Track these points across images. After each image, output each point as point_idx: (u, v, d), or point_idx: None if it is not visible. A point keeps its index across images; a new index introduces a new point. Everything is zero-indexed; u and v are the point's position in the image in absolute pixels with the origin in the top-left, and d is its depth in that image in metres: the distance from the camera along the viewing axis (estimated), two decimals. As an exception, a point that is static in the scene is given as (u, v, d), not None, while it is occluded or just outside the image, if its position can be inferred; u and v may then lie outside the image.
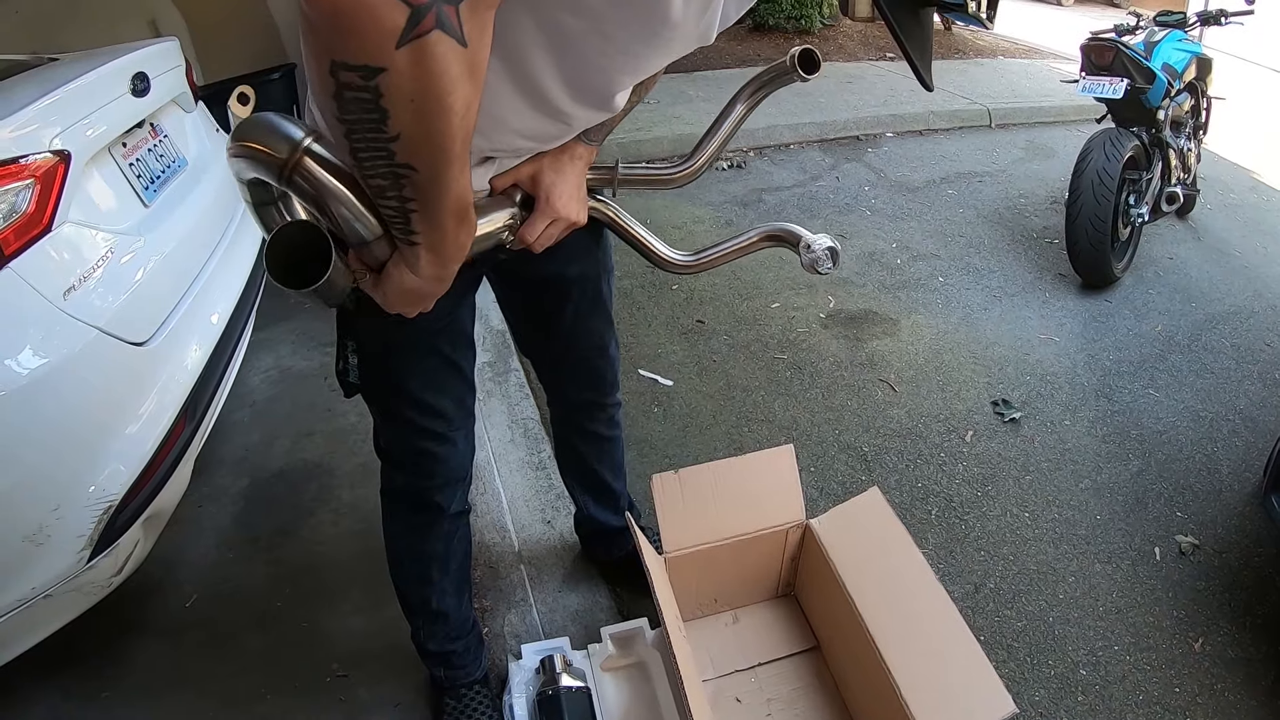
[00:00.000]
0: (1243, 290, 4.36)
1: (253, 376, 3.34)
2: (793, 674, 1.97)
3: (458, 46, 0.73)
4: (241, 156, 0.97)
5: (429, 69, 0.73)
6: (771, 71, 1.41)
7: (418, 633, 1.92)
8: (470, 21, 0.74)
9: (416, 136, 0.80)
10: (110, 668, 2.17)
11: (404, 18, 0.69)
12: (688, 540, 1.89)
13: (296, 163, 0.92)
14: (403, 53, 0.71)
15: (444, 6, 0.71)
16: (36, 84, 2.15)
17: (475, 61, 0.77)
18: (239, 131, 0.97)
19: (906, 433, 3.13)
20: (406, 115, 0.77)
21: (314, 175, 0.94)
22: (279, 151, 0.93)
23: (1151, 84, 4.05)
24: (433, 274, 1.03)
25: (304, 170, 0.93)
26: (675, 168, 1.56)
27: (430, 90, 0.75)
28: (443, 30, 0.71)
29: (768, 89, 1.45)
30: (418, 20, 0.70)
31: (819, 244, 1.39)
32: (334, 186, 0.95)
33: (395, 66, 0.72)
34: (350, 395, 1.55)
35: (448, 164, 0.85)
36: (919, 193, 5.52)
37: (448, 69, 0.74)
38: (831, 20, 9.71)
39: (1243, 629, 2.37)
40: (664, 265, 1.59)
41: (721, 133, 1.51)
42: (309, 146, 0.93)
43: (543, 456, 2.82)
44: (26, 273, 1.78)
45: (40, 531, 1.73)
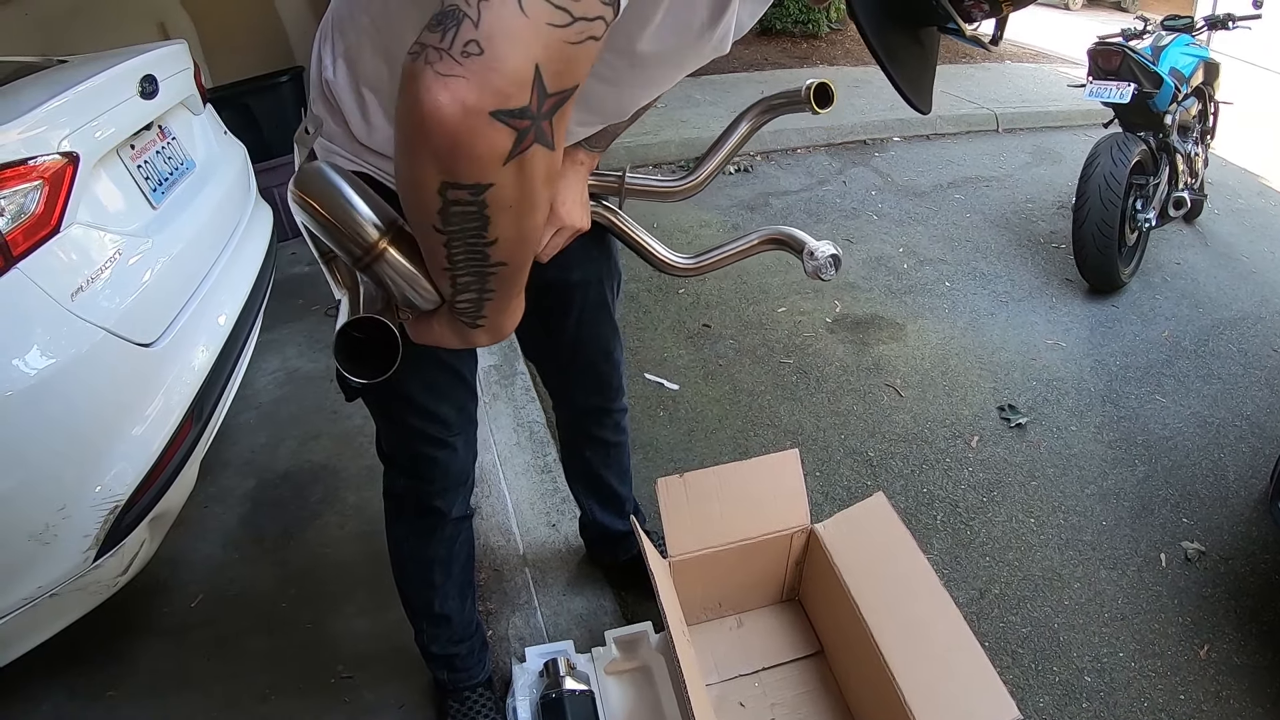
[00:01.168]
0: (1250, 296, 4.36)
1: (260, 378, 3.34)
2: (797, 679, 1.96)
3: (549, 152, 0.77)
4: (317, 226, 0.97)
5: (529, 178, 0.77)
6: (784, 97, 1.42)
7: (421, 635, 1.92)
8: (559, 127, 0.77)
9: (513, 238, 0.84)
10: (115, 667, 2.17)
11: (511, 140, 0.73)
12: (692, 544, 1.89)
13: (380, 254, 0.94)
14: (508, 168, 0.75)
15: (541, 124, 0.74)
16: (45, 86, 2.16)
17: (556, 162, 0.80)
18: (307, 186, 0.97)
19: (912, 438, 3.13)
20: (506, 221, 0.81)
21: (395, 264, 0.95)
22: (364, 238, 0.94)
23: (1159, 89, 4.05)
24: (482, 343, 1.06)
25: (387, 259, 0.95)
26: (678, 181, 1.57)
27: (528, 196, 0.80)
28: (540, 144, 0.75)
29: (776, 112, 1.46)
30: (521, 140, 0.73)
31: (822, 252, 1.39)
32: (411, 273, 0.96)
33: (501, 182, 0.76)
34: (351, 399, 1.55)
35: (526, 255, 0.90)
36: (926, 197, 5.51)
37: (542, 174, 0.78)
38: (839, 25, 9.70)
39: (1249, 636, 2.36)
40: (665, 269, 1.59)
41: (726, 149, 1.52)
42: (394, 239, 0.95)
43: (548, 460, 2.82)
44: (34, 273, 1.78)
45: (46, 531, 1.73)
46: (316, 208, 0.96)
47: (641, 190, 1.57)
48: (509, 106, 0.70)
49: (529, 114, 0.72)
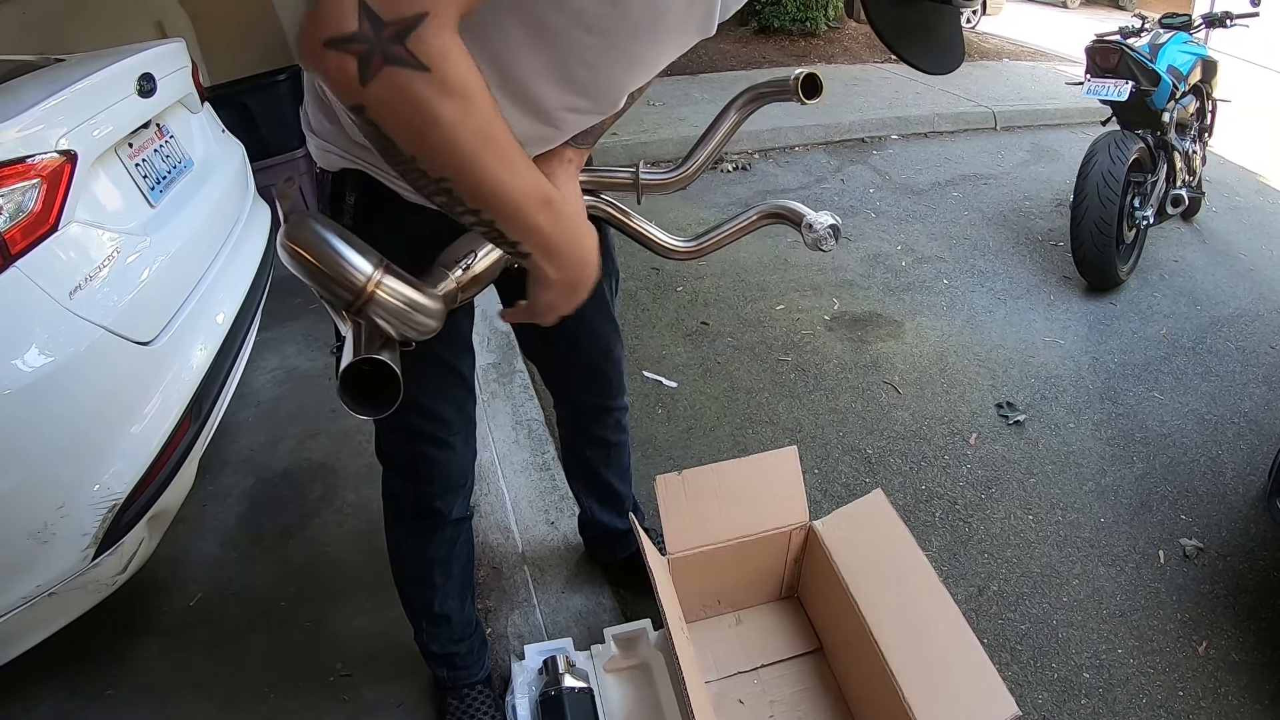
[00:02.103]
0: (1248, 293, 4.36)
1: (258, 376, 3.34)
2: (796, 676, 1.96)
3: (418, 73, 0.82)
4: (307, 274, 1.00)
5: (396, 97, 0.83)
6: (772, 86, 1.42)
7: (421, 635, 1.92)
8: (424, 48, 0.81)
9: (424, 153, 0.88)
10: (114, 666, 2.17)
11: (354, 64, 0.80)
12: (691, 541, 1.89)
13: (370, 297, 0.98)
14: (371, 89, 0.81)
15: (390, 47, 0.80)
16: (43, 84, 2.16)
17: (446, 79, 0.84)
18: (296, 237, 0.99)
19: (910, 435, 3.13)
20: (405, 138, 0.87)
21: (386, 304, 1.00)
22: (353, 284, 0.98)
23: (1157, 86, 4.05)
24: (563, 277, 1.10)
25: (377, 301, 0.99)
26: (668, 174, 1.57)
27: (409, 114, 0.84)
28: (395, 64, 0.81)
29: (763, 101, 1.46)
30: (367, 63, 0.80)
31: (821, 222, 1.41)
32: (402, 309, 1.01)
33: (372, 101, 0.83)
34: None
35: (471, 168, 0.91)
36: (924, 195, 5.52)
37: (415, 93, 0.83)
38: (836, 23, 9.71)
39: (1247, 633, 2.37)
40: (667, 254, 1.60)
41: (715, 139, 1.52)
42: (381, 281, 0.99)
43: (547, 458, 2.82)
44: (33, 272, 1.78)
45: (45, 529, 1.73)
46: (306, 257, 0.98)
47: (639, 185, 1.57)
48: (336, 34, 0.79)
49: (361, 38, 0.79)
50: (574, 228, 1.09)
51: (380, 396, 1.04)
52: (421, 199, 1.10)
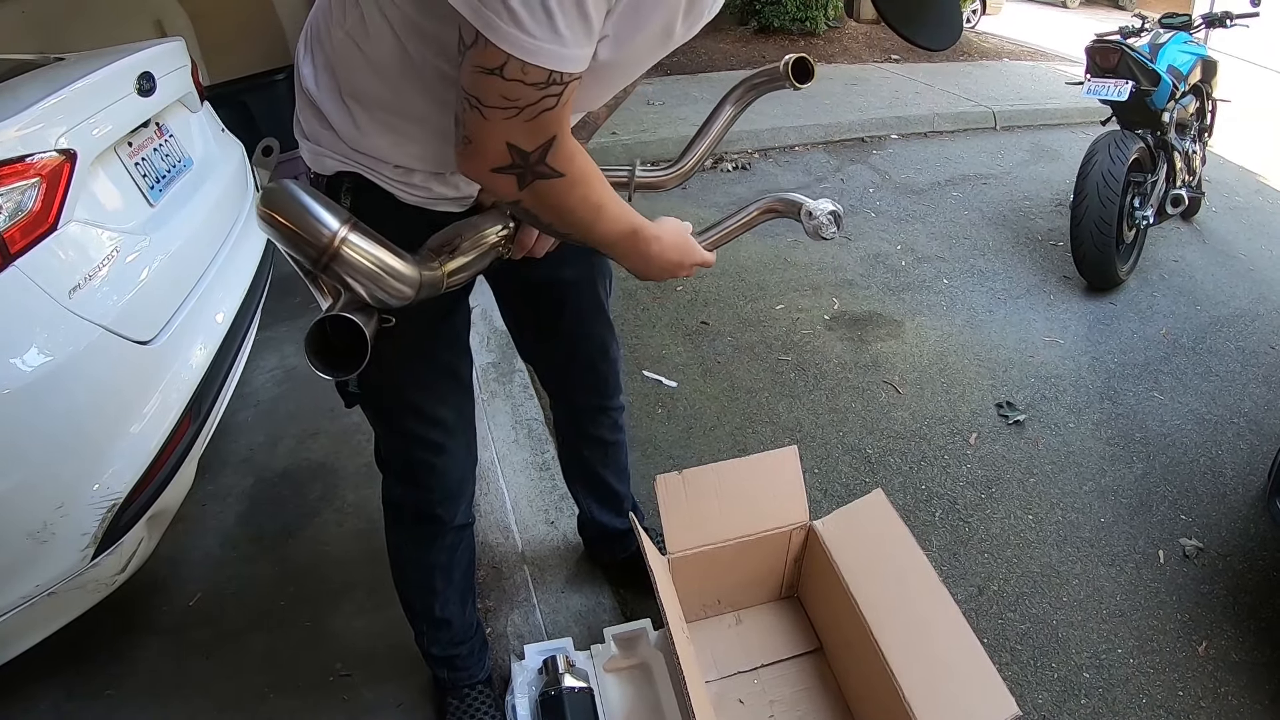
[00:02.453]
0: (1248, 293, 4.36)
1: (257, 376, 3.34)
2: (796, 676, 1.96)
3: (558, 180, 1.10)
4: (277, 236, 1.03)
5: (545, 199, 1.13)
6: (763, 75, 1.45)
7: (422, 638, 1.92)
8: (558, 161, 1.08)
9: (559, 225, 1.21)
10: (113, 666, 2.17)
11: (514, 183, 1.09)
12: (691, 541, 1.89)
13: (335, 252, 1.03)
14: (526, 194, 1.11)
15: (537, 167, 1.07)
16: (42, 83, 2.15)
17: (575, 176, 1.12)
18: (268, 200, 1.03)
19: (910, 435, 3.13)
20: (546, 216, 1.18)
21: (353, 261, 1.05)
22: (319, 237, 1.02)
23: (1156, 86, 4.05)
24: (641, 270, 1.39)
25: (343, 257, 1.04)
26: (664, 171, 1.60)
27: (553, 207, 1.15)
28: (542, 179, 1.09)
29: (757, 92, 1.49)
30: (523, 180, 1.08)
31: (820, 209, 1.43)
32: (372, 270, 1.06)
33: (524, 200, 1.13)
34: (351, 405, 1.55)
35: (589, 229, 1.23)
36: (924, 195, 5.52)
37: (557, 194, 1.13)
38: (836, 22, 9.71)
39: (1247, 633, 2.37)
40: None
41: (711, 135, 1.55)
42: (347, 237, 1.04)
43: (546, 457, 2.82)
44: (32, 271, 1.78)
45: (44, 529, 1.73)
46: (276, 217, 1.01)
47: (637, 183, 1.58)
48: (499, 165, 1.06)
49: (517, 166, 1.06)
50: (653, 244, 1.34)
51: (349, 358, 1.07)
52: (419, 200, 1.34)
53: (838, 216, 1.43)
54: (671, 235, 1.39)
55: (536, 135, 1.03)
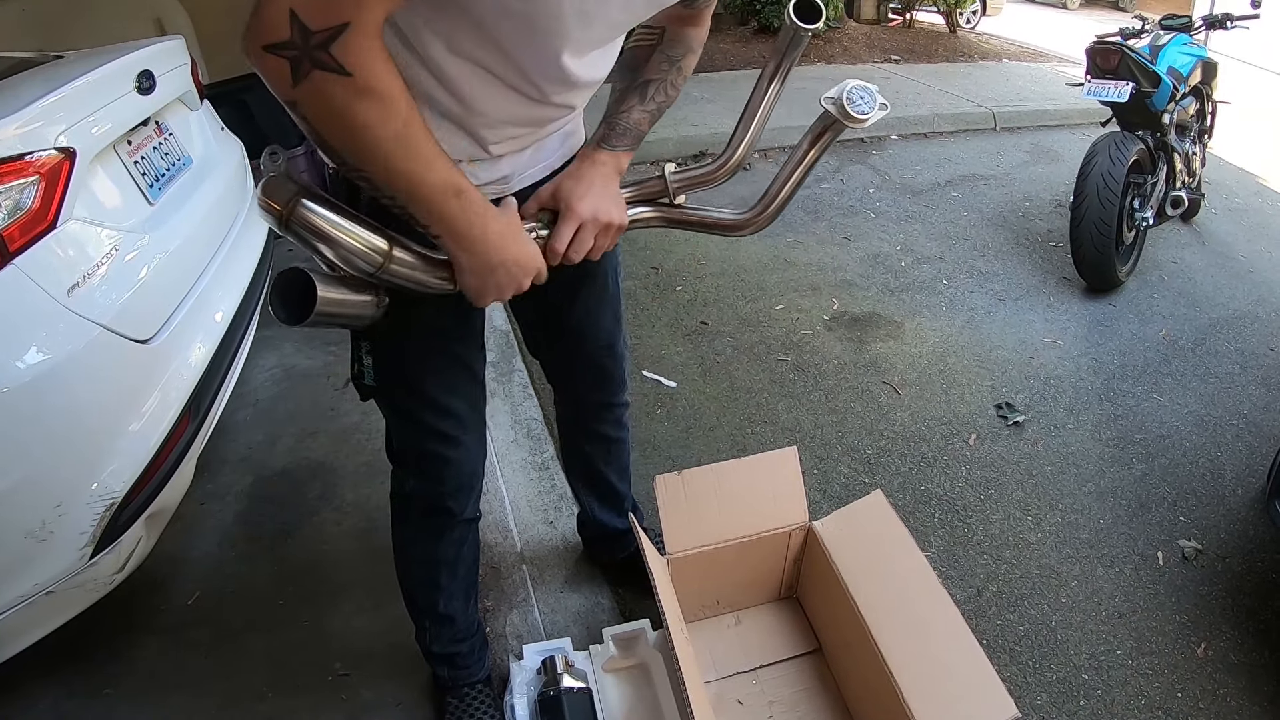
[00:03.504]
0: (1247, 295, 4.36)
1: (256, 375, 3.34)
2: (795, 676, 1.96)
3: (341, 78, 0.95)
4: (261, 210, 1.12)
5: (322, 98, 0.97)
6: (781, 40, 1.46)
7: (423, 634, 1.92)
8: (347, 57, 0.94)
9: (347, 146, 1.02)
10: (112, 665, 2.16)
11: (287, 67, 0.94)
12: (691, 542, 1.89)
13: (290, 213, 1.09)
14: (300, 89, 0.95)
15: (317, 53, 0.93)
16: (42, 81, 2.15)
17: (369, 84, 0.97)
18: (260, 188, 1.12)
19: (910, 436, 3.13)
20: (330, 132, 1.00)
21: (306, 221, 1.10)
22: (276, 203, 1.10)
23: (1157, 88, 4.06)
24: (473, 263, 1.19)
25: (298, 218, 1.09)
26: (715, 164, 1.57)
27: (332, 113, 0.98)
28: (321, 69, 0.94)
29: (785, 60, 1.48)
30: (298, 67, 0.93)
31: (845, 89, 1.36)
32: (325, 230, 1.11)
33: (300, 99, 0.97)
34: (366, 399, 1.57)
35: (386, 163, 1.04)
36: (923, 196, 5.52)
37: (338, 95, 0.96)
38: (836, 23, 9.72)
39: (1246, 634, 2.37)
40: (737, 229, 1.60)
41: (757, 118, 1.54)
42: (299, 199, 1.09)
43: (545, 457, 2.82)
44: (31, 269, 1.77)
45: (43, 528, 1.73)
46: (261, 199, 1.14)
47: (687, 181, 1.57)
48: (273, 40, 0.92)
49: (293, 45, 0.92)
50: (482, 218, 1.16)
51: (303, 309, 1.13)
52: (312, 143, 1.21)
53: (869, 92, 1.35)
54: (515, 221, 1.25)
55: (326, 11, 0.91)
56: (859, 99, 1.34)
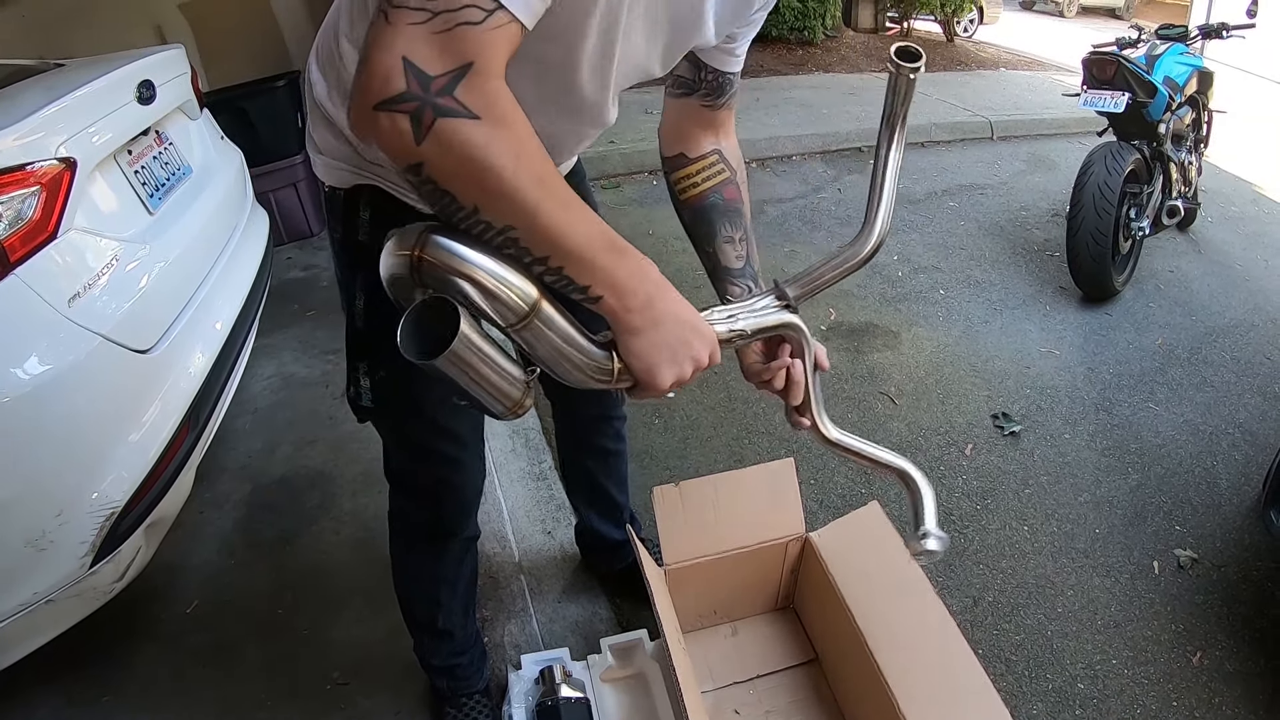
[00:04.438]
0: (1243, 304, 4.38)
1: (255, 383, 3.35)
2: (792, 686, 1.97)
3: (469, 121, 0.81)
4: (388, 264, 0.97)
5: (454, 149, 0.81)
6: (889, 91, 1.31)
7: (422, 648, 1.93)
8: (472, 98, 0.81)
9: (485, 200, 0.87)
10: (112, 672, 2.17)
11: (408, 123, 0.80)
12: (688, 552, 1.89)
13: (421, 249, 0.93)
14: (426, 146, 0.81)
15: (438, 100, 0.80)
16: (43, 90, 2.16)
17: (498, 124, 0.83)
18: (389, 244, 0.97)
19: (906, 445, 3.13)
20: (464, 187, 0.85)
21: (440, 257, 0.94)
22: (404, 248, 0.94)
23: (1153, 98, 4.07)
24: (646, 322, 1.03)
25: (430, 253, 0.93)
26: (852, 248, 1.41)
27: (466, 163, 0.83)
28: (446, 117, 0.80)
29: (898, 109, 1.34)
30: (419, 119, 0.80)
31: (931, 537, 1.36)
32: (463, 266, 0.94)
33: (428, 157, 0.82)
34: (363, 420, 1.52)
35: (534, 210, 0.88)
36: (920, 205, 5.53)
37: (470, 141, 0.82)
38: (834, 32, 9.75)
39: (1242, 643, 2.37)
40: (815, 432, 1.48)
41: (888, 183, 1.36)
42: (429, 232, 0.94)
43: (543, 467, 2.82)
44: (32, 280, 1.78)
45: (43, 537, 1.74)
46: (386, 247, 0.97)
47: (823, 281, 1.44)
48: (385, 96, 0.79)
49: (411, 96, 0.79)
50: (649, 277, 1.02)
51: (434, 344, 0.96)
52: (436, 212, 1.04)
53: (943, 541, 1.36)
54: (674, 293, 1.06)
55: (446, 54, 0.80)
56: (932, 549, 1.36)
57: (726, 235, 1.45)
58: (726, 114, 1.43)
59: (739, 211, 1.45)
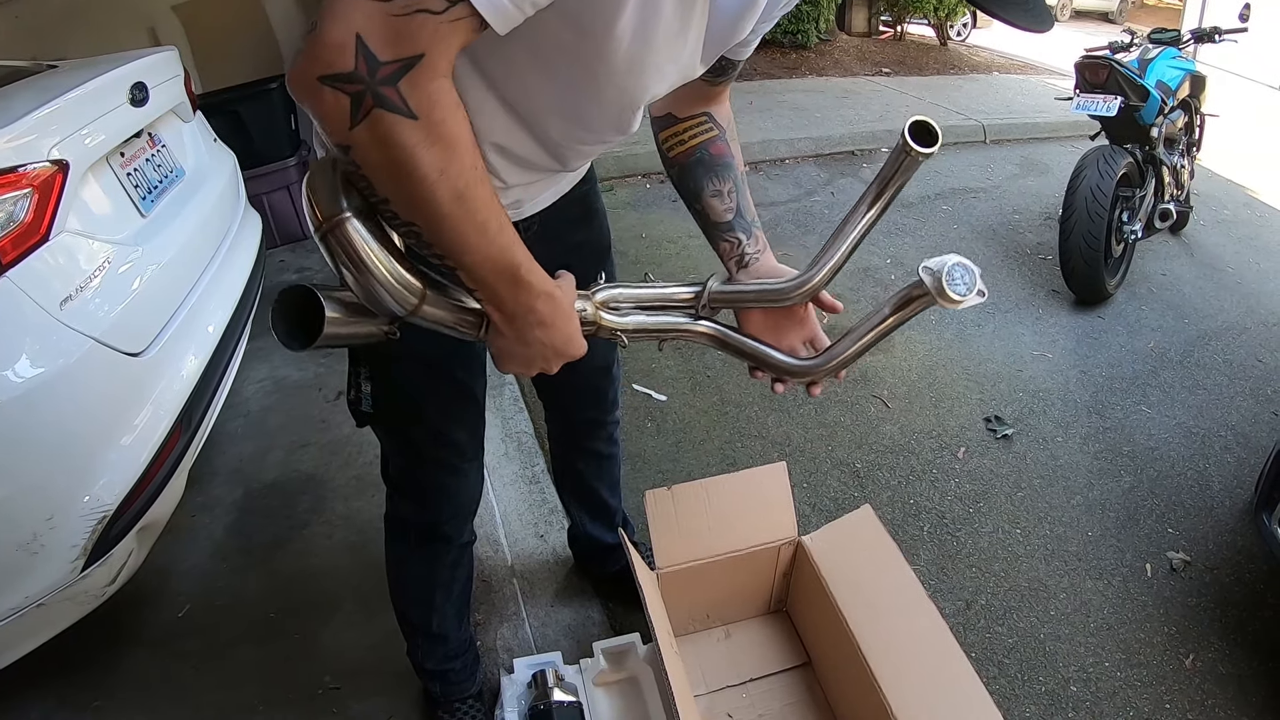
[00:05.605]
0: (1235, 306, 4.39)
1: (247, 386, 3.34)
2: (784, 690, 1.97)
3: (406, 120, 0.81)
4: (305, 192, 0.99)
5: (384, 142, 0.82)
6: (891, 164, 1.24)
7: (415, 651, 1.92)
8: (415, 95, 0.81)
9: (399, 198, 0.88)
10: (103, 676, 2.17)
11: (347, 103, 0.80)
12: (680, 556, 1.89)
13: (334, 228, 0.95)
14: (358, 131, 0.81)
15: (381, 88, 0.79)
16: (35, 92, 2.15)
17: (433, 130, 0.83)
18: (312, 169, 0.99)
19: (899, 449, 3.14)
20: (383, 181, 0.86)
21: (347, 244, 0.95)
22: (321, 211, 0.95)
23: (1145, 102, 4.08)
24: (508, 338, 1.05)
25: (340, 236, 0.95)
26: (787, 283, 1.40)
27: (392, 160, 0.83)
28: (384, 109, 0.80)
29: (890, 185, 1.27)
30: (359, 104, 0.79)
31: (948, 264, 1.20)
32: (363, 260, 0.96)
33: (357, 143, 0.82)
34: (362, 425, 1.52)
35: (441, 221, 0.90)
36: (913, 208, 5.53)
37: (402, 140, 0.82)
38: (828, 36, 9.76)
39: (1234, 645, 2.38)
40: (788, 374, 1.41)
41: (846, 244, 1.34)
42: (351, 219, 0.95)
43: (536, 470, 2.82)
44: (23, 282, 1.78)
45: (34, 541, 1.73)
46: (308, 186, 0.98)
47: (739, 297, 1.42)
48: (332, 71, 0.78)
49: (357, 78, 0.78)
50: (535, 312, 1.03)
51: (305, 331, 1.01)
52: None
53: (969, 271, 1.20)
54: (567, 305, 1.09)
55: (399, 40, 0.79)
56: (959, 278, 1.20)
57: (714, 189, 1.44)
58: (723, 88, 1.42)
59: (727, 164, 1.43)
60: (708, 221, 1.45)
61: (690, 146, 1.43)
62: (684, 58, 1.10)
